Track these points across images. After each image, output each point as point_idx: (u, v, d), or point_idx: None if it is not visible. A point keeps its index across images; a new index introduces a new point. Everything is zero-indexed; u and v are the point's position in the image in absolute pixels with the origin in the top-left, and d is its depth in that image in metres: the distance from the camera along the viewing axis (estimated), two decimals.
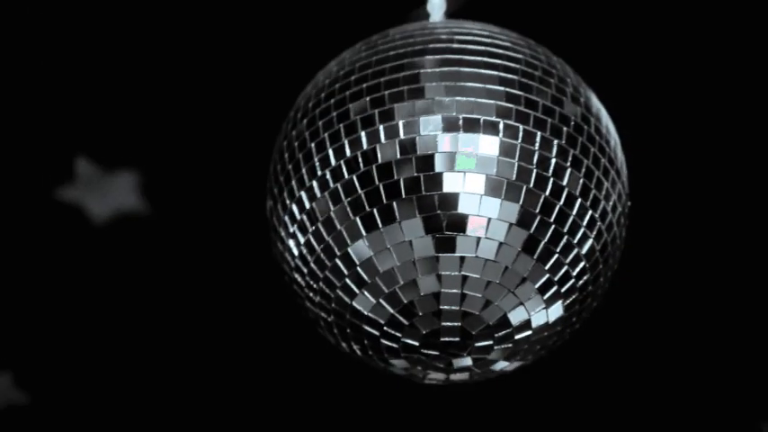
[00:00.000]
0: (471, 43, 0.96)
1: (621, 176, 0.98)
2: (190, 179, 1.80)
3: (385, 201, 0.90)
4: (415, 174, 0.89)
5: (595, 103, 0.99)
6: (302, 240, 0.95)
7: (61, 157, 1.79)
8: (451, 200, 0.89)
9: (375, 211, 0.90)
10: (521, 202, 0.89)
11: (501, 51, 0.95)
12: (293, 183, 0.95)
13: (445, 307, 0.91)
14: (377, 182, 0.90)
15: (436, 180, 0.89)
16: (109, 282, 1.84)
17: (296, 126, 0.98)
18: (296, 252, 0.97)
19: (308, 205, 0.94)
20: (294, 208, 0.95)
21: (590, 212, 0.92)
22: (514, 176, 0.89)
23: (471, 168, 0.88)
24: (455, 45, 0.95)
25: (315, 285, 0.96)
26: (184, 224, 1.83)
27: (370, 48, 0.98)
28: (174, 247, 1.84)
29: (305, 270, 0.96)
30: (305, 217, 0.94)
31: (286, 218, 0.97)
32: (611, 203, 0.95)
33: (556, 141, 0.91)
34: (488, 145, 0.89)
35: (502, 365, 0.99)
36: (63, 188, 1.79)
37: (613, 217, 0.95)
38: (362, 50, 0.98)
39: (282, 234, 0.98)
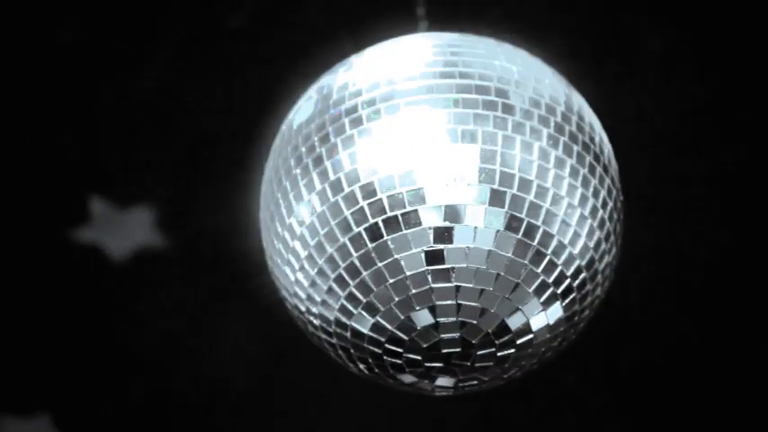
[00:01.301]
0: (450, 54, 0.96)
1: (610, 171, 0.97)
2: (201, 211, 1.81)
3: (371, 220, 0.90)
4: (398, 190, 0.89)
5: (577, 100, 0.99)
6: (297, 266, 0.96)
7: (74, 199, 1.81)
8: (436, 212, 0.89)
9: (362, 231, 0.90)
10: (506, 208, 0.89)
11: (473, 60, 0.95)
12: (283, 209, 0.96)
13: (442, 319, 0.91)
14: (360, 201, 0.90)
15: (419, 194, 0.89)
16: (135, 317, 1.86)
17: (281, 153, 0.99)
18: (292, 278, 0.97)
19: (298, 231, 0.95)
20: (287, 235, 0.96)
21: (579, 211, 0.92)
22: (497, 183, 0.89)
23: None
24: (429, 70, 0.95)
25: (314, 310, 0.97)
26: (201, 257, 1.84)
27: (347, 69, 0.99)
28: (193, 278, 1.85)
29: (303, 295, 0.97)
30: (297, 243, 0.95)
31: (280, 246, 0.97)
32: (600, 200, 0.94)
33: (537, 144, 0.91)
34: (469, 155, 0.89)
35: (517, 372, 0.99)
36: (79, 229, 1.81)
37: (604, 213, 0.95)
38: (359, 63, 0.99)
39: (278, 260, 0.99)
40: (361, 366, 0.99)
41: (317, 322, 0.97)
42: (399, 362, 0.95)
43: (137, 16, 1.82)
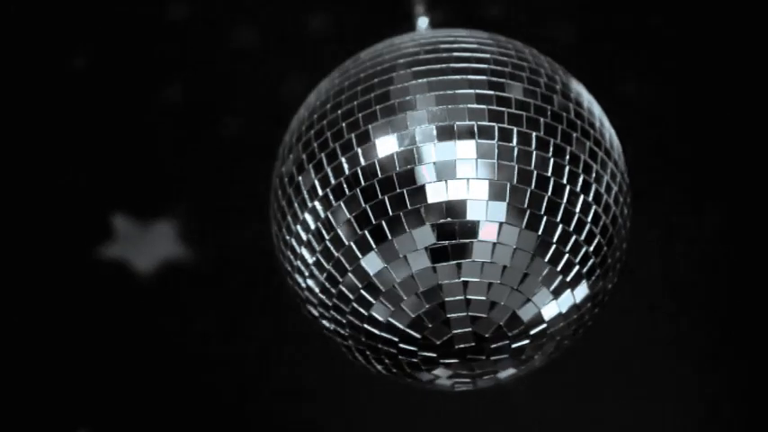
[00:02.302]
0: (436, 52, 0.96)
1: (612, 155, 0.97)
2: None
3: (374, 221, 0.90)
4: (398, 190, 0.89)
5: (575, 87, 0.98)
6: (306, 273, 0.96)
7: (97, 217, 1.82)
8: (437, 209, 0.89)
9: (367, 233, 0.91)
10: (507, 200, 0.89)
11: (467, 54, 0.95)
12: (289, 218, 0.97)
13: (452, 315, 0.91)
14: (363, 204, 0.91)
15: (421, 192, 0.89)
16: (163, 330, 1.87)
17: (284, 162, 0.99)
18: (303, 285, 0.98)
19: (305, 237, 0.95)
20: (293, 242, 0.97)
21: (582, 197, 0.92)
22: (496, 176, 0.89)
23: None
24: (422, 56, 0.95)
25: (327, 314, 0.97)
26: (227, 268, 1.85)
27: (342, 74, 0.99)
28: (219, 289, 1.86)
29: (315, 301, 0.97)
30: (305, 250, 0.95)
31: (289, 253, 0.98)
32: (603, 185, 0.94)
33: (534, 134, 0.91)
34: (466, 149, 0.89)
35: (535, 362, 0.98)
36: (103, 246, 1.82)
37: (609, 197, 0.94)
38: (335, 77, 0.99)
39: (289, 268, 1.00)
40: (379, 367, 0.99)
41: (331, 327, 0.98)
42: (415, 360, 0.95)
43: (157, 34, 1.83)
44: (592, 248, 0.93)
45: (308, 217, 0.94)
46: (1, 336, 1.86)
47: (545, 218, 0.90)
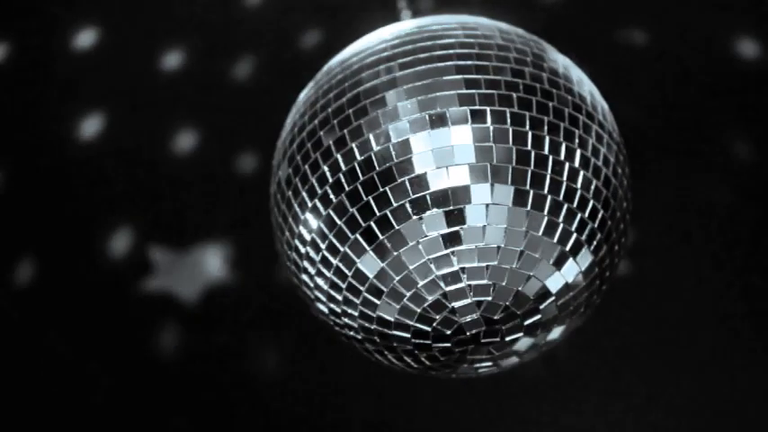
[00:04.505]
0: (422, 41, 0.96)
1: (595, 120, 0.95)
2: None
3: (363, 224, 0.90)
4: (381, 189, 0.89)
5: (563, 61, 0.97)
6: (311, 284, 0.97)
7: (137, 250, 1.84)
8: (423, 201, 0.89)
9: (358, 236, 0.91)
10: (489, 181, 0.88)
11: (453, 41, 0.94)
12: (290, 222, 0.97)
13: (456, 304, 0.91)
14: (350, 209, 0.91)
15: (402, 187, 0.89)
16: (213, 355, 1.88)
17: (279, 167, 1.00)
18: (311, 296, 0.99)
19: (303, 249, 0.96)
20: (298, 243, 0.97)
21: (567, 165, 0.91)
22: (474, 159, 0.88)
23: None
24: (388, 53, 0.95)
25: (340, 321, 0.97)
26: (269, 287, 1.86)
27: (328, 73, 1.00)
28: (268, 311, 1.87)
29: (326, 310, 0.98)
30: (307, 263, 0.96)
31: (294, 255, 0.98)
32: (589, 149, 0.92)
33: (508, 111, 0.90)
34: (461, 135, 0.89)
35: (555, 334, 0.98)
36: (146, 280, 1.84)
37: (597, 160, 0.93)
38: (335, 68, 0.99)
39: (296, 282, 1.01)
40: (401, 365, 0.99)
41: (350, 333, 0.98)
42: (432, 353, 0.95)
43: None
44: (587, 214, 0.92)
45: (303, 230, 0.95)
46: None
47: (531, 192, 0.89)
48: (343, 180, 0.91)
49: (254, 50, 1.81)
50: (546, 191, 0.89)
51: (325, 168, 0.92)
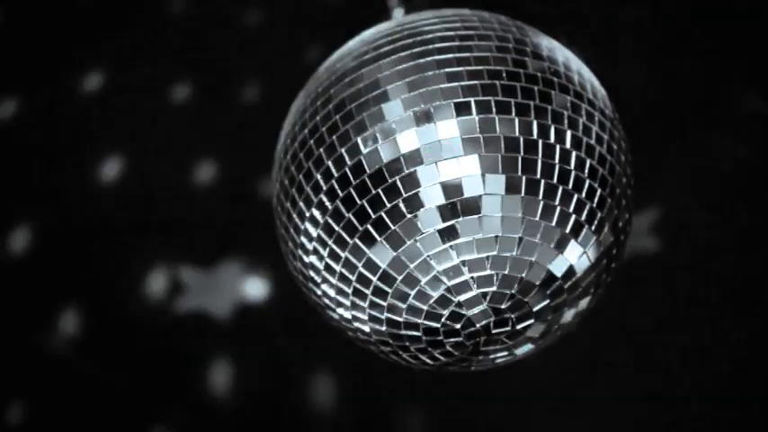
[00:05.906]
0: (402, 39, 0.96)
1: (584, 98, 0.95)
2: None
3: (360, 228, 0.91)
4: (374, 191, 0.90)
5: (562, 52, 0.97)
6: (318, 292, 0.98)
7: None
8: (416, 199, 0.89)
9: (357, 240, 0.91)
10: (480, 171, 0.88)
11: (432, 36, 0.95)
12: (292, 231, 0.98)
13: (461, 297, 0.91)
14: (345, 214, 0.91)
15: (395, 187, 0.89)
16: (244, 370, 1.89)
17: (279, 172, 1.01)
18: (321, 303, 0.99)
19: (306, 259, 0.96)
20: (300, 266, 0.98)
21: (558, 147, 0.90)
22: (463, 152, 0.88)
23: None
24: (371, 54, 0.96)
25: (351, 326, 0.98)
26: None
27: (315, 80, 1.00)
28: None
29: (335, 316, 0.99)
30: (312, 272, 0.97)
31: (298, 263, 0.99)
32: (579, 129, 0.92)
33: (493, 99, 0.90)
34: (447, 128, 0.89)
35: (567, 317, 0.97)
36: (178, 300, 1.86)
37: (590, 139, 0.93)
38: (322, 75, 1.00)
39: (305, 292, 1.01)
40: (418, 363, 0.99)
41: (363, 337, 0.99)
42: (447, 349, 0.95)
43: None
44: (584, 194, 0.92)
45: (304, 239, 0.95)
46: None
47: (524, 178, 0.89)
48: (336, 186, 0.91)
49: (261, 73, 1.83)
50: (539, 175, 0.89)
51: (319, 176, 0.93)
